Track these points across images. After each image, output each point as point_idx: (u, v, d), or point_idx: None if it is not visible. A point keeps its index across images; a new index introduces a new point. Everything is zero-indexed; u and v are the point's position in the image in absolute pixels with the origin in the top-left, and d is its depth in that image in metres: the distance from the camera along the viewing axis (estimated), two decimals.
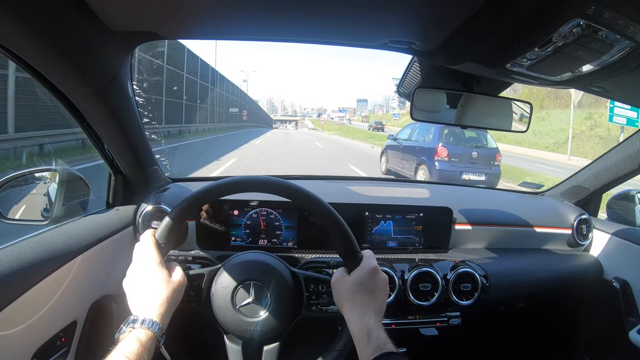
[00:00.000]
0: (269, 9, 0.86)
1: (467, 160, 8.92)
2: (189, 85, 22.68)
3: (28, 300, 0.88)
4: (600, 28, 0.71)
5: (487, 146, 9.27)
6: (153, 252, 0.90)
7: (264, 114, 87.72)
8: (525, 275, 1.59)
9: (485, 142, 9.28)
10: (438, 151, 8.77)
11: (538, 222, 1.73)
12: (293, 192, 0.98)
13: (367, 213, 1.49)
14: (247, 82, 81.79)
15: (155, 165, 1.44)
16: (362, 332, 0.83)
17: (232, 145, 18.02)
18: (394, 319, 1.43)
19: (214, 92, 29.12)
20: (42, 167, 1.23)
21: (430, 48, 0.99)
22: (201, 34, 1.06)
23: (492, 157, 9.16)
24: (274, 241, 1.44)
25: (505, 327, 1.89)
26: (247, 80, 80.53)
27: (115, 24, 0.87)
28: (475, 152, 9.00)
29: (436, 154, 8.78)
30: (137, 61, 11.09)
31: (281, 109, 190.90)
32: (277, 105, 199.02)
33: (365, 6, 0.82)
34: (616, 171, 1.72)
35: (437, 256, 1.54)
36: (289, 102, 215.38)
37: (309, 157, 15.33)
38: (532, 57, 0.84)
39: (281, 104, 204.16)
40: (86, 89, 1.01)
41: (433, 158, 8.80)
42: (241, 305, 1.03)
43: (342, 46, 1.13)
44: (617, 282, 1.62)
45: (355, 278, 0.93)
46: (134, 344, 0.75)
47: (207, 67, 27.35)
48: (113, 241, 1.23)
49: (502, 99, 1.25)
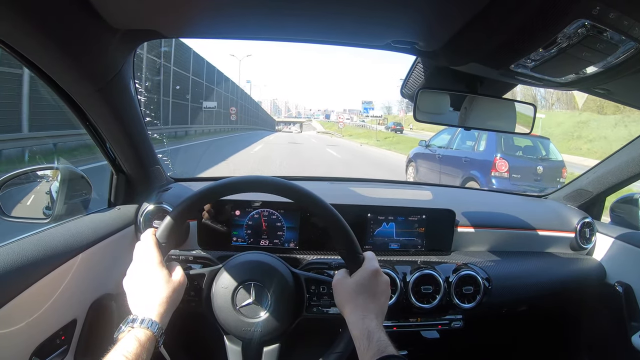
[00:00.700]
0: (272, 9, 0.86)
1: (531, 177, 7.00)
2: (181, 81, 21.85)
3: (28, 298, 0.87)
4: (605, 29, 0.70)
5: (551, 158, 7.43)
6: (154, 251, 0.90)
7: (264, 114, 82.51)
8: (528, 278, 1.58)
9: (548, 152, 7.46)
10: (496, 165, 6.80)
11: (541, 225, 1.72)
12: (295, 192, 0.98)
13: (370, 215, 1.49)
14: (250, 82, 78.46)
15: (157, 164, 1.44)
16: (363, 335, 0.83)
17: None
18: (396, 322, 1.43)
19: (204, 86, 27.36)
20: (44, 165, 1.23)
21: (434, 48, 0.98)
22: (203, 32, 1.06)
23: (558, 172, 7.23)
24: (276, 242, 1.44)
25: (507, 330, 1.88)
26: (251, 82, 77.14)
27: (117, 22, 0.87)
28: (541, 166, 7.09)
29: (493, 167, 6.80)
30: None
31: (285, 110, 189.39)
32: (280, 107, 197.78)
33: (368, 6, 0.82)
34: (620, 174, 1.71)
35: (439, 258, 1.53)
36: (292, 103, 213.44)
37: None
38: (536, 58, 0.83)
39: (285, 105, 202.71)
40: (88, 87, 1.01)
41: (489, 173, 6.84)
42: (241, 305, 1.02)
43: (345, 46, 1.13)
44: (620, 286, 1.61)
45: (356, 280, 0.93)
46: (133, 344, 0.75)
47: (202, 60, 26.21)
48: (114, 240, 1.23)
49: (506, 100, 1.25)
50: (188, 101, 22.82)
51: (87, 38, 0.87)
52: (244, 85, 66.95)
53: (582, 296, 1.74)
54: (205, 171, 9.55)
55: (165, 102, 18.90)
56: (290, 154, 17.47)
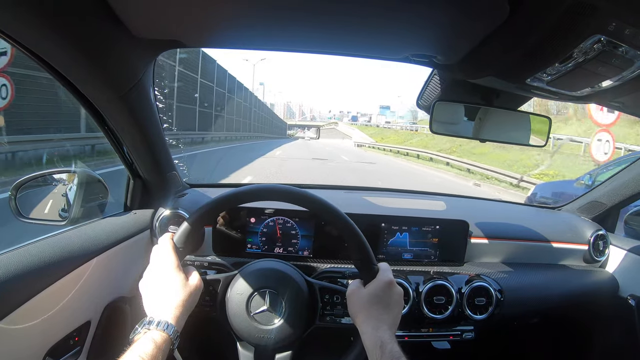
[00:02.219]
0: (292, 21, 0.87)
1: None
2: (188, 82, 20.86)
3: (44, 299, 0.89)
4: (620, 44, 0.71)
5: None
6: (171, 255, 0.91)
7: (277, 120, 71.87)
8: (540, 290, 1.57)
9: None
10: None
11: (554, 237, 1.71)
12: (311, 201, 0.99)
13: (384, 224, 1.49)
14: (263, 85, 72.63)
15: (173, 170, 1.46)
16: (375, 345, 0.83)
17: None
18: (407, 331, 1.42)
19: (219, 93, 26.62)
20: (61, 168, 1.25)
21: (452, 62, 0.99)
22: (224, 43, 1.08)
23: None
24: (290, 250, 1.44)
25: (519, 342, 1.87)
26: (264, 84, 71.58)
27: (140, 31, 0.89)
28: None
29: None
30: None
31: (299, 114, 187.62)
32: (294, 110, 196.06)
33: (388, 21, 0.83)
34: (634, 187, 1.70)
35: (452, 269, 1.53)
36: (307, 106, 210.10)
37: None
38: (552, 72, 0.84)
39: (299, 109, 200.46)
40: (109, 93, 1.02)
41: None
42: (256, 312, 1.03)
43: (363, 58, 1.14)
44: (632, 300, 1.59)
45: (370, 290, 0.93)
46: (149, 345, 0.76)
47: (212, 62, 25.08)
48: (129, 244, 1.24)
49: (521, 112, 1.25)
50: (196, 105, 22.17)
51: (110, 46, 0.89)
52: (256, 88, 63.32)
53: (594, 309, 1.72)
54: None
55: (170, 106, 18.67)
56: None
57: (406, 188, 2.24)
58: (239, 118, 34.65)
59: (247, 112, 38.55)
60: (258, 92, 56.04)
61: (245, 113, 37.18)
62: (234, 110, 31.67)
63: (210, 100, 24.15)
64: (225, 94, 28.42)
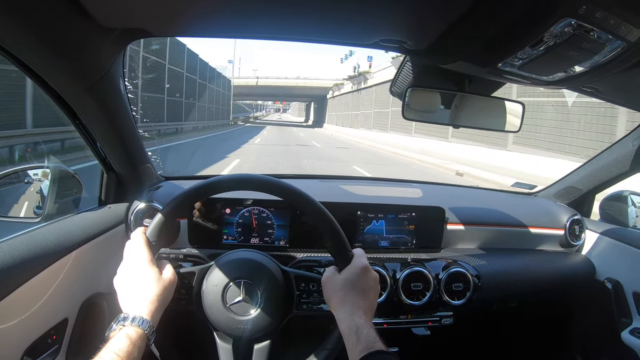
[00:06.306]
0: (259, 8, 0.87)
1: None
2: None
3: (19, 297, 0.87)
4: (591, 28, 0.71)
5: None
6: (144, 249, 0.90)
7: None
8: (518, 275, 1.59)
9: None
10: None
11: (531, 223, 1.73)
12: (285, 190, 0.99)
13: (360, 212, 1.49)
14: (232, 62, 62.37)
15: (147, 163, 1.44)
16: (351, 330, 0.84)
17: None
18: (386, 319, 1.43)
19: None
20: (34, 164, 1.22)
21: (421, 47, 0.99)
22: (191, 31, 1.07)
23: None
24: (266, 240, 1.44)
25: (498, 327, 1.89)
26: (233, 61, 61.66)
27: (106, 20, 0.87)
28: None
29: None
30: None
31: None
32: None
33: (355, 7, 0.82)
34: (609, 172, 1.72)
35: (429, 256, 1.54)
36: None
37: None
38: (523, 56, 0.84)
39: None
40: (77, 86, 1.00)
41: None
42: (231, 303, 1.03)
43: (333, 44, 1.14)
44: (609, 283, 1.62)
45: (345, 276, 0.93)
46: (124, 342, 0.76)
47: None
48: (105, 239, 1.23)
49: (496, 99, 1.26)
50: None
51: (76, 36, 0.87)
52: (225, 66, 57.45)
53: (572, 293, 1.76)
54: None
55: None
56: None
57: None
58: (218, 106, 33.60)
59: (224, 99, 37.22)
60: (227, 70, 51.26)
61: (221, 100, 35.77)
62: (206, 97, 29.77)
63: (180, 88, 22.62)
64: (196, 80, 26.46)
